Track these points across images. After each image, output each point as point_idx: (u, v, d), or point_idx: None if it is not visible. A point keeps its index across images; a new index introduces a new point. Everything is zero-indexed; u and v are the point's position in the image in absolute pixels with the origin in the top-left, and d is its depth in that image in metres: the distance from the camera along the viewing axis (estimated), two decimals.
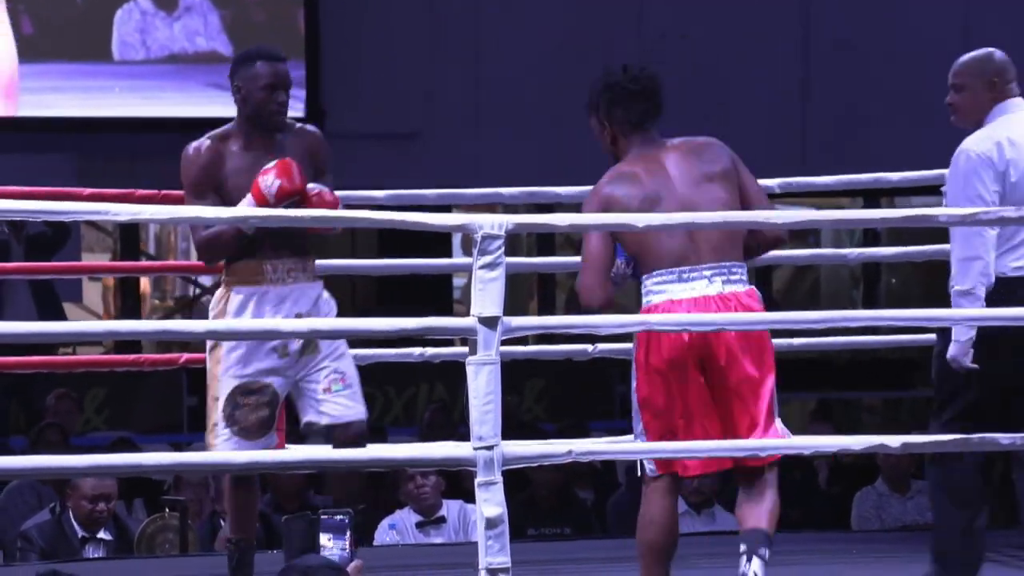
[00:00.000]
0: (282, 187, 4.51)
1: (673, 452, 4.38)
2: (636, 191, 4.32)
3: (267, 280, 4.64)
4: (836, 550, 5.13)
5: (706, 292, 4.27)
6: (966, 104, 4.70)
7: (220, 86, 9.93)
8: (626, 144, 4.38)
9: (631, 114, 4.35)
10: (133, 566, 5.79)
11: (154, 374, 8.60)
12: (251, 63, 4.63)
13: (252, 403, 4.63)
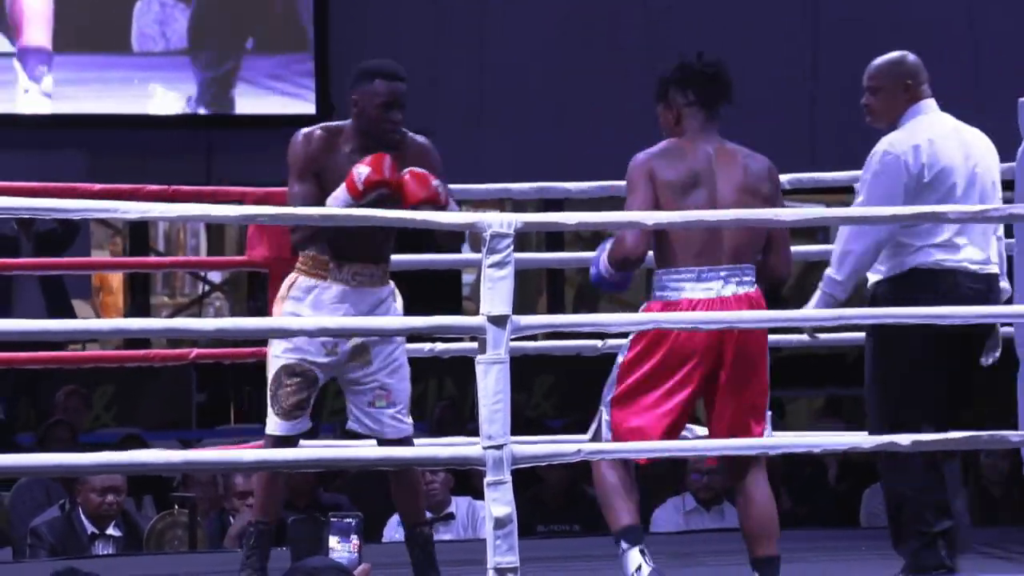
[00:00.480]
0: (369, 176, 4.60)
1: (686, 452, 4.39)
2: (682, 167, 4.42)
3: (331, 277, 4.73)
4: (845, 547, 5.14)
5: (721, 293, 4.35)
6: (882, 106, 4.86)
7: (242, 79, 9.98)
8: (688, 126, 4.47)
9: (702, 95, 4.46)
10: (142, 563, 5.79)
11: (163, 370, 8.64)
12: (370, 79, 4.73)
13: (294, 385, 4.72)
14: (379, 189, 4.61)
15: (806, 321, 4.76)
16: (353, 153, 4.71)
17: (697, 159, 4.43)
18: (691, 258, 4.36)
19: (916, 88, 4.84)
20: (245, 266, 6.61)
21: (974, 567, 4.95)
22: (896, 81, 4.84)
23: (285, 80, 10.02)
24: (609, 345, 5.83)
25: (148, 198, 5.42)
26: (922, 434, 4.59)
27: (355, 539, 4.56)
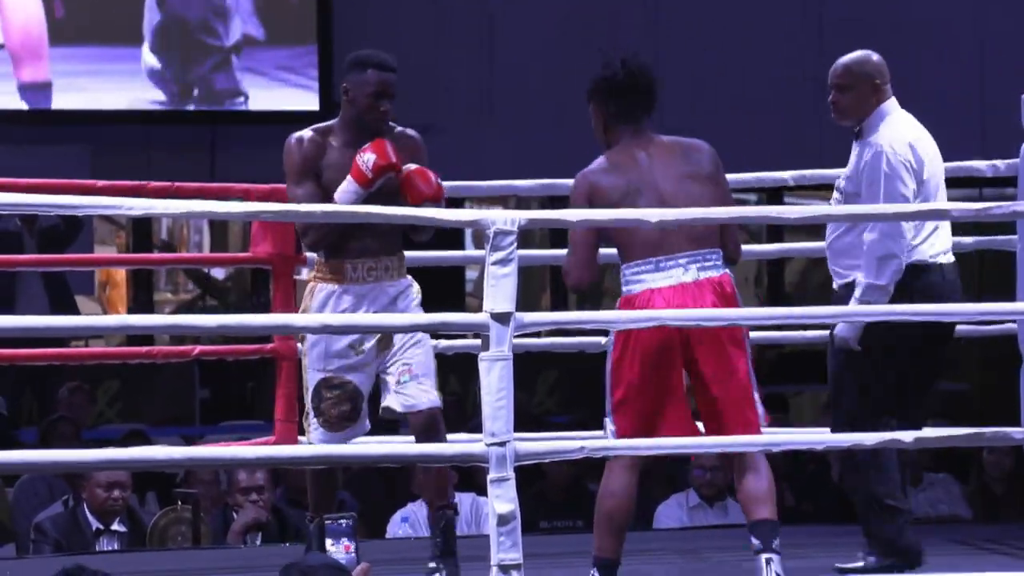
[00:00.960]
0: (376, 162, 4.64)
1: (685, 447, 4.39)
2: (620, 181, 4.47)
3: (347, 279, 4.76)
4: (848, 543, 5.13)
5: (682, 279, 4.41)
6: (850, 104, 4.91)
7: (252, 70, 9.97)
8: (617, 135, 4.54)
9: (623, 107, 4.52)
10: (146, 559, 5.80)
11: (167, 367, 8.65)
12: (363, 69, 4.78)
13: (334, 397, 4.78)
14: (387, 173, 4.65)
15: (811, 318, 4.75)
16: (345, 147, 4.74)
17: (635, 167, 4.49)
18: (649, 250, 4.43)
19: (883, 87, 4.93)
20: (249, 263, 6.61)
21: (975, 564, 4.96)
22: (865, 80, 4.91)
23: (290, 75, 10.02)
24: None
25: (152, 195, 5.43)
26: (926, 432, 4.59)
27: (345, 541, 4.57)
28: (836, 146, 9.69)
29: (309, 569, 3.38)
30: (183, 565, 5.53)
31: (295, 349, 5.68)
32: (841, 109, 4.93)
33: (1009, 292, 5.77)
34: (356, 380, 4.77)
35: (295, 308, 5.71)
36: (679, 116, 4.81)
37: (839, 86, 4.93)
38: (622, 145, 4.52)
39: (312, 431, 4.82)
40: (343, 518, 4.57)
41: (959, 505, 7.44)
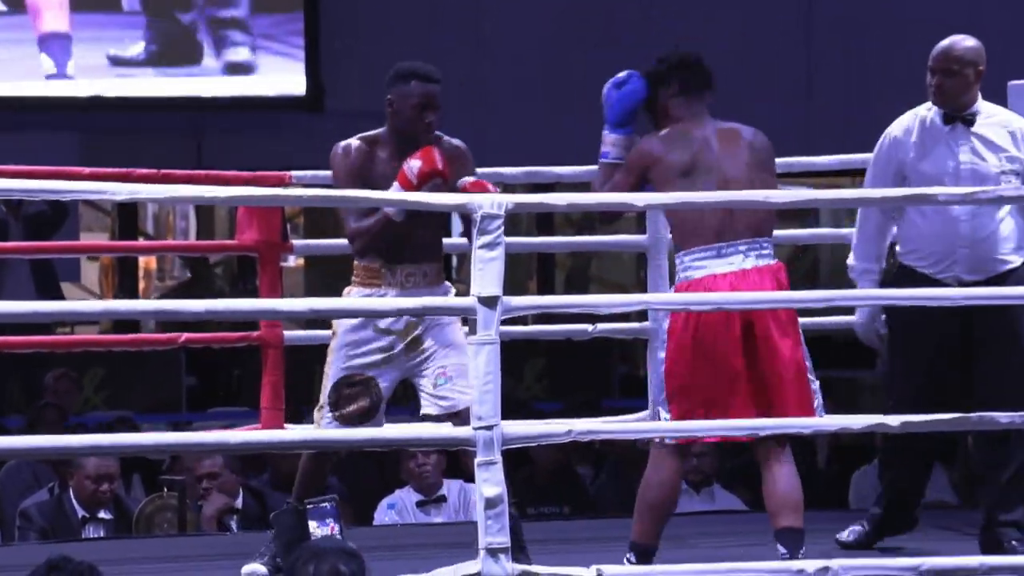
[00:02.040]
0: (422, 168, 4.63)
1: (671, 432, 4.40)
2: (684, 157, 4.52)
3: (385, 284, 4.76)
4: (834, 528, 5.13)
5: (743, 266, 4.46)
6: (958, 89, 4.94)
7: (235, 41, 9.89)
8: (681, 113, 4.58)
9: (688, 82, 4.58)
10: (132, 546, 5.79)
11: (153, 353, 8.63)
12: (406, 81, 4.78)
13: (354, 394, 4.78)
14: (433, 179, 4.64)
15: (799, 303, 4.75)
16: (391, 158, 4.74)
17: (702, 147, 4.53)
18: (710, 237, 4.47)
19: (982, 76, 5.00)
20: (235, 250, 6.60)
21: (961, 548, 4.97)
22: (975, 67, 4.97)
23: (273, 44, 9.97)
24: (600, 329, 5.83)
25: (138, 181, 5.41)
26: (912, 416, 4.59)
27: (331, 522, 4.58)
28: (821, 136, 9.72)
29: (320, 551, 3.39)
30: (169, 552, 5.53)
31: (281, 336, 5.67)
32: (946, 93, 4.93)
33: None
34: (380, 379, 4.77)
35: (281, 294, 5.71)
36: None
37: (948, 71, 4.93)
38: (686, 123, 4.56)
39: (324, 424, 4.79)
40: (325, 500, 4.57)
41: (945, 491, 7.45)
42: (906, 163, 4.96)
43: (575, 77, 9.78)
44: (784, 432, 4.44)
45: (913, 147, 4.96)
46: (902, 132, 5.00)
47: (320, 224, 10.53)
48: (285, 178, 5.73)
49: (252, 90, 9.90)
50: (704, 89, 4.61)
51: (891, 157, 4.99)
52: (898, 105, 10.53)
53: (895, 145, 4.99)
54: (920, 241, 4.95)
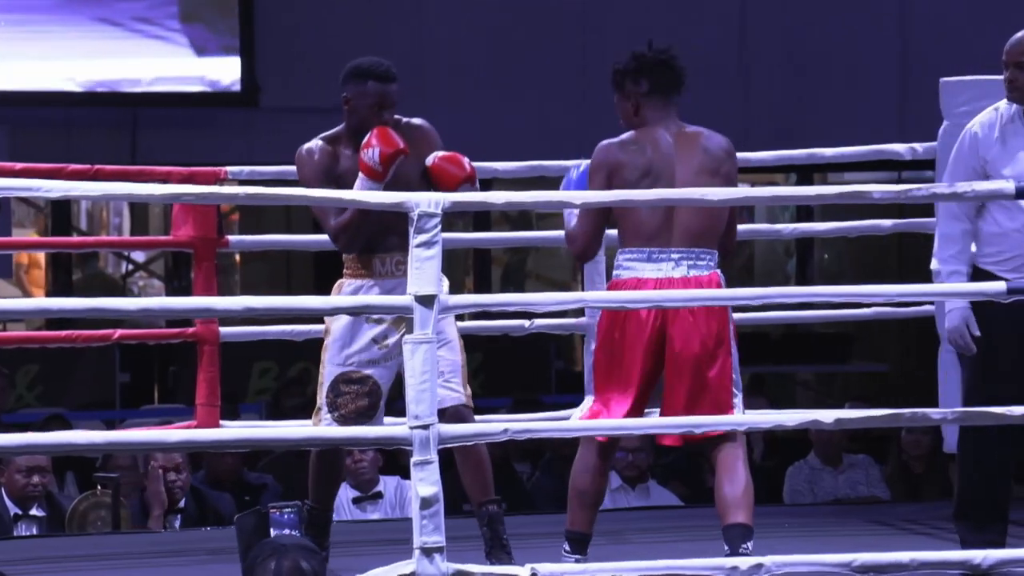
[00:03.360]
0: (383, 152, 4.63)
1: (605, 430, 4.41)
2: (641, 161, 4.52)
3: (376, 274, 4.75)
4: (769, 524, 5.16)
5: (671, 274, 4.46)
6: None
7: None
8: (646, 116, 4.58)
9: (656, 83, 4.58)
10: (65, 543, 5.76)
11: (87, 350, 8.57)
12: (363, 80, 4.78)
13: (353, 392, 4.77)
14: (396, 160, 4.63)
15: (733, 300, 4.77)
16: (355, 153, 4.73)
17: (657, 150, 4.53)
18: (644, 239, 4.48)
19: None
20: (170, 246, 6.56)
21: (894, 544, 5.01)
22: None
23: (210, 52, 9.92)
24: (537, 325, 5.84)
25: (71, 177, 5.37)
26: (845, 412, 4.62)
27: (289, 532, 4.56)
28: (760, 131, 9.76)
29: (281, 548, 3.40)
30: (103, 550, 5.49)
31: (217, 332, 5.65)
32: (1020, 88, 4.77)
33: (927, 274, 5.84)
34: (377, 375, 4.75)
35: (216, 291, 5.69)
36: (605, 102, 4.82)
37: (1020, 64, 4.76)
38: (650, 126, 4.56)
39: (324, 426, 4.77)
40: (287, 508, 4.55)
41: (878, 486, 7.51)
42: (987, 161, 4.80)
43: (516, 71, 9.79)
44: (718, 430, 4.45)
45: (994, 144, 4.79)
46: (983, 128, 4.83)
47: (256, 220, 10.49)
48: (220, 173, 5.71)
49: (186, 85, 9.84)
50: (674, 91, 4.61)
51: (972, 154, 4.82)
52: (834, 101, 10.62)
53: (976, 142, 4.83)
54: (1002, 243, 4.78)
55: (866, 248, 10.27)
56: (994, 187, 4.58)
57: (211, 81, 9.83)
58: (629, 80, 4.58)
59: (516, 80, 9.77)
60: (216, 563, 5.12)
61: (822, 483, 7.50)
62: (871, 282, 4.74)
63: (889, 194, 4.56)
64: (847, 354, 10.28)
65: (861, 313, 6.08)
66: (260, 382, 9.58)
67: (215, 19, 9.88)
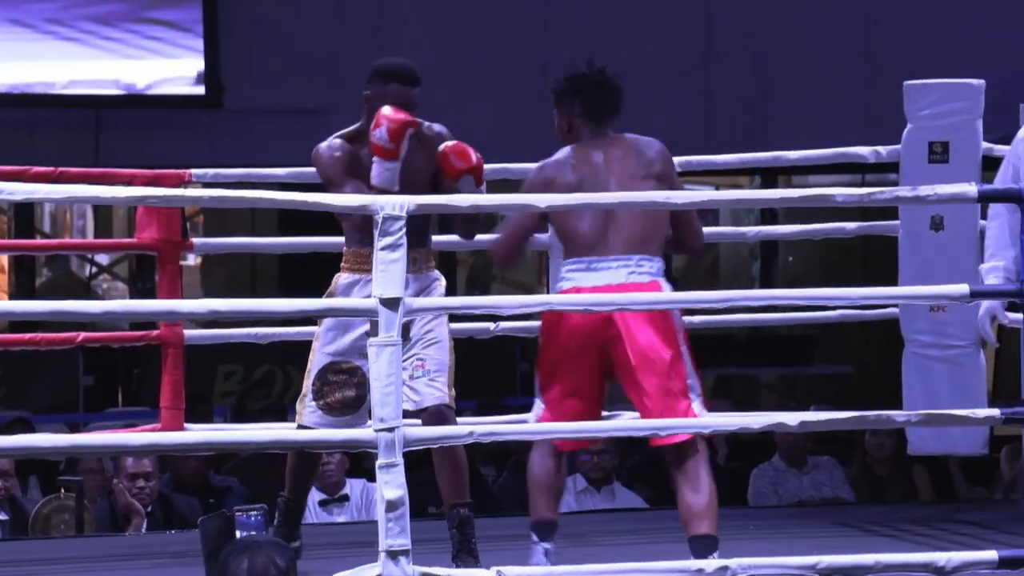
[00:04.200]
0: (390, 126, 4.60)
1: (571, 433, 4.42)
2: (573, 179, 4.53)
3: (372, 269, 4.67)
4: (734, 526, 5.17)
5: (610, 281, 4.45)
6: None
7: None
8: (579, 134, 4.60)
9: (589, 105, 4.58)
10: (29, 547, 5.73)
11: (50, 353, 8.52)
12: (386, 82, 4.76)
13: (340, 382, 4.76)
14: (406, 131, 4.61)
15: (698, 303, 4.78)
16: (370, 153, 4.71)
17: (589, 165, 4.54)
18: (584, 250, 4.49)
19: None
20: (134, 249, 6.54)
21: (858, 546, 5.03)
22: None
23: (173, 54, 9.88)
24: (502, 328, 5.84)
25: (35, 180, 5.35)
26: (808, 414, 4.64)
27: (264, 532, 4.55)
28: (724, 134, 9.79)
29: (253, 544, 3.41)
30: (67, 553, 5.47)
31: (181, 336, 5.63)
32: None
33: (892, 277, 5.86)
34: (367, 368, 4.68)
35: (181, 294, 5.67)
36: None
37: None
38: (583, 142, 4.58)
39: (307, 414, 4.76)
40: (253, 510, 4.54)
41: (842, 488, 7.53)
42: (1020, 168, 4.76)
43: (476, 72, 9.79)
44: (679, 435, 4.46)
45: None
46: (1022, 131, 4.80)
47: (221, 222, 10.46)
48: (185, 176, 5.69)
49: (151, 87, 9.81)
50: (608, 113, 4.61)
51: (1010, 160, 4.80)
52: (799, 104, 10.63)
53: (1016, 147, 4.80)
54: None
55: (831, 250, 10.31)
56: (956, 191, 4.60)
57: (175, 83, 9.80)
58: (564, 99, 4.60)
59: (477, 80, 9.77)
60: (180, 566, 5.11)
61: (786, 485, 7.52)
62: (836, 285, 4.76)
63: (852, 197, 4.58)
64: (811, 356, 10.31)
65: (826, 316, 6.10)
66: (225, 385, 9.56)
67: (177, 21, 9.85)
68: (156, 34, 9.84)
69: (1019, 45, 9.87)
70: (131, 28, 9.80)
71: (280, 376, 9.36)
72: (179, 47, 9.83)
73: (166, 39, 9.84)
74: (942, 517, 5.74)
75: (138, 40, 9.86)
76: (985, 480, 7.94)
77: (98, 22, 9.76)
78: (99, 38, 9.77)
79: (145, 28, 9.85)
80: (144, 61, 9.84)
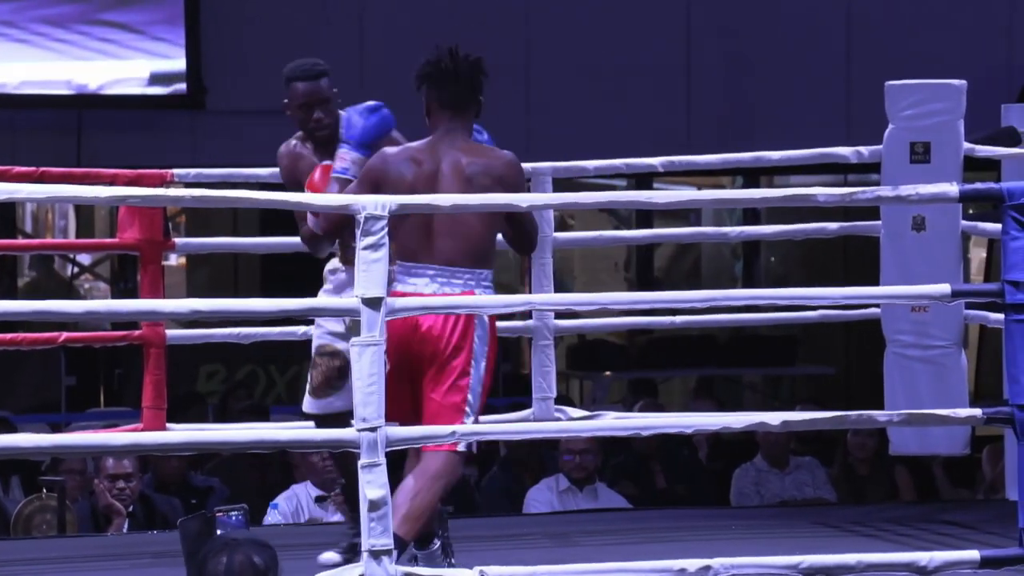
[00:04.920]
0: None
1: (552, 432, 4.41)
2: (407, 177, 4.50)
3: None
4: (716, 526, 5.19)
5: (422, 290, 4.46)
6: None
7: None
8: (436, 122, 4.57)
9: (439, 95, 4.54)
10: (10, 548, 5.71)
11: (32, 353, 8.51)
12: (290, 83, 4.91)
13: (324, 364, 4.86)
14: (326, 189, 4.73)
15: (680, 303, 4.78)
16: (312, 154, 4.89)
17: (425, 167, 4.51)
18: (407, 255, 4.49)
19: None
20: (116, 249, 6.52)
21: (840, 545, 5.04)
22: None
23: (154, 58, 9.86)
24: None
25: (16, 180, 5.34)
26: (790, 414, 4.64)
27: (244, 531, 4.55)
28: (705, 134, 9.80)
29: (233, 542, 3.40)
30: (49, 554, 5.46)
31: (163, 335, 5.62)
32: None
33: (873, 277, 5.87)
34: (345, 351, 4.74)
35: (163, 294, 5.66)
36: (550, 104, 4.83)
37: None
38: (432, 138, 4.54)
39: (305, 404, 4.89)
40: (234, 510, 4.54)
41: (824, 488, 7.55)
42: None
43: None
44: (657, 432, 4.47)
45: None
46: None
47: (203, 222, 10.44)
48: (166, 176, 5.69)
49: (132, 87, 9.79)
50: (465, 103, 4.55)
51: None
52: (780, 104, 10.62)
53: None
54: None
55: (813, 251, 10.33)
56: (938, 190, 4.61)
57: (157, 83, 9.79)
58: (423, 85, 4.58)
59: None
60: (161, 566, 5.10)
61: (768, 485, 7.53)
62: (817, 285, 4.76)
63: (834, 197, 4.58)
64: (793, 356, 10.33)
65: (807, 316, 6.11)
66: (207, 385, 9.55)
67: (158, 20, 9.83)
68: (140, 33, 9.82)
69: (1000, 45, 9.90)
70: (82, 30, 9.79)
71: (263, 376, 9.35)
72: (162, 47, 9.82)
73: (119, 41, 9.81)
74: (924, 517, 5.75)
75: (121, 39, 9.84)
76: (967, 480, 7.96)
77: (50, 24, 9.74)
78: (50, 39, 9.75)
79: (97, 30, 9.82)
80: (126, 61, 9.82)
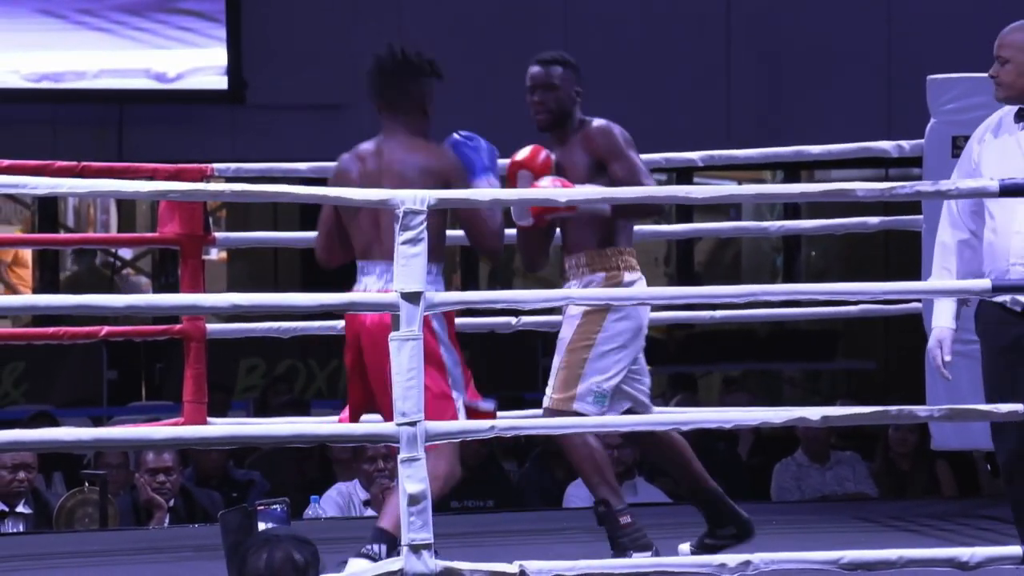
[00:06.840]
0: None
1: (593, 427, 4.42)
2: (354, 174, 4.55)
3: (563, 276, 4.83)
4: (756, 521, 5.17)
5: (371, 288, 4.51)
6: (1011, 78, 4.52)
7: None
8: (382, 121, 4.60)
9: (375, 95, 4.58)
10: (52, 540, 5.75)
11: (74, 347, 8.55)
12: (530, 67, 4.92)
13: None
14: None
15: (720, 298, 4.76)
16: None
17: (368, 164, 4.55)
18: (359, 252, 4.55)
19: None
20: (156, 243, 6.55)
21: (881, 541, 5.02)
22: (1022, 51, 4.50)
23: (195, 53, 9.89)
24: (523, 322, 5.84)
25: (58, 175, 5.36)
26: (831, 409, 4.63)
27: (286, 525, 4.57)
28: (745, 128, 9.78)
29: (273, 539, 3.42)
30: (90, 547, 5.49)
31: (203, 329, 5.64)
32: (1001, 84, 4.50)
33: (914, 271, 5.84)
34: None
35: (203, 288, 5.68)
36: (587, 99, 4.81)
37: (999, 58, 4.51)
38: (382, 135, 4.58)
39: None
40: (275, 503, 4.56)
41: (865, 483, 7.52)
42: (980, 164, 4.56)
43: (496, 67, 9.78)
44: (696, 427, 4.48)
45: (986, 147, 4.55)
46: (980, 131, 4.60)
47: (243, 217, 10.48)
48: (206, 170, 5.70)
49: (173, 82, 9.83)
50: (388, 107, 4.57)
51: (966, 157, 4.61)
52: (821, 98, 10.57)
53: (969, 145, 4.62)
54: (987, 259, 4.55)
55: (853, 245, 10.29)
56: (978, 185, 4.58)
57: (198, 78, 9.82)
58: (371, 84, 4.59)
59: (498, 76, 9.76)
60: (202, 560, 5.12)
61: (809, 480, 7.51)
62: (858, 279, 4.74)
63: (874, 192, 4.56)
64: (834, 351, 10.29)
65: (848, 310, 6.09)
66: (247, 379, 9.57)
67: (201, 16, 9.86)
68: (186, 24, 9.85)
69: None
70: (160, 18, 9.82)
71: (303, 370, 9.37)
72: (207, 37, 9.84)
73: (196, 29, 9.84)
74: (965, 512, 5.73)
75: (164, 32, 9.87)
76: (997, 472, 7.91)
77: (128, 12, 9.77)
78: (129, 28, 9.78)
79: (174, 18, 9.85)
80: (168, 56, 9.85)
